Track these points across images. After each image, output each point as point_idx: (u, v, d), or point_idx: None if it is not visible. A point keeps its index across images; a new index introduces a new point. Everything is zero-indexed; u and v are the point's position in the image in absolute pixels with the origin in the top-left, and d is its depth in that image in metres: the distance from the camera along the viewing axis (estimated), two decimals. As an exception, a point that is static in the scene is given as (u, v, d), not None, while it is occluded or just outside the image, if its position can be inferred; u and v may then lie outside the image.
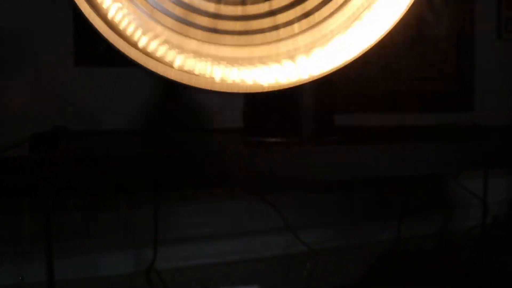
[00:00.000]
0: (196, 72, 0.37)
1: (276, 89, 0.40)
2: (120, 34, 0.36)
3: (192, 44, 0.38)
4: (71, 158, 0.30)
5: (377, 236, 1.00)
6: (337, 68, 0.39)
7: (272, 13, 0.40)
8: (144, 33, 0.37)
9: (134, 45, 0.37)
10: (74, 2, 0.36)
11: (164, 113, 0.81)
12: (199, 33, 0.38)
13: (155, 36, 0.37)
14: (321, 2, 0.40)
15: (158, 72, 0.36)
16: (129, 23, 0.36)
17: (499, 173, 1.14)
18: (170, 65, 0.37)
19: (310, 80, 0.40)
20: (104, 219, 0.75)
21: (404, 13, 0.39)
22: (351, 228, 0.96)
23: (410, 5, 0.40)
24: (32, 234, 0.69)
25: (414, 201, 1.01)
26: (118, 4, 0.37)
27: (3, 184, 0.29)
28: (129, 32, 0.37)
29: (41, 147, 0.34)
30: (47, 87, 0.75)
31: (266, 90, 0.40)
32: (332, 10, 0.40)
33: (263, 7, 0.40)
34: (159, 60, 0.37)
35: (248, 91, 0.38)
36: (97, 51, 0.76)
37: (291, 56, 0.39)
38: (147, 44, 0.37)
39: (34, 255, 0.69)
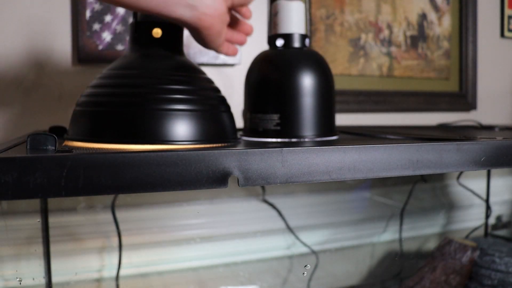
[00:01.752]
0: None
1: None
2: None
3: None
4: (68, 158, 0.30)
5: (378, 237, 0.99)
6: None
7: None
8: None
9: None
10: None
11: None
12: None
13: None
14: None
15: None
16: None
17: (502, 173, 1.14)
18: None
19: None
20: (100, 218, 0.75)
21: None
22: (351, 229, 0.96)
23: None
24: (30, 235, 0.69)
25: (415, 201, 1.01)
26: None
27: (1, 184, 0.29)
28: None
29: (39, 147, 0.33)
30: (46, 85, 0.75)
31: None
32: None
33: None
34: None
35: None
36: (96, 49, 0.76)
37: None
38: None
39: (31, 256, 0.69)
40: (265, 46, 0.55)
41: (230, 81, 0.87)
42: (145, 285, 0.78)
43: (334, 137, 0.51)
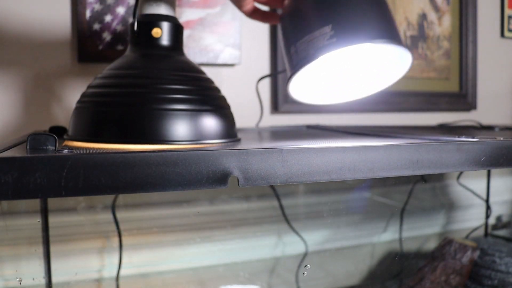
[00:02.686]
0: None
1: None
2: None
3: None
4: (68, 158, 0.30)
5: (378, 237, 0.99)
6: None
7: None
8: None
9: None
10: None
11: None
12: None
13: None
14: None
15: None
16: None
17: (502, 173, 1.14)
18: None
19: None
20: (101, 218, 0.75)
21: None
22: (351, 229, 0.96)
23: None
24: (30, 235, 0.69)
25: (415, 201, 1.01)
26: None
27: (1, 184, 0.29)
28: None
29: (39, 147, 0.33)
30: (46, 85, 0.75)
31: None
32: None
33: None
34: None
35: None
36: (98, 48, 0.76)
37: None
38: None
39: (31, 256, 0.69)
40: (265, 46, 0.55)
41: (230, 81, 0.87)
42: (145, 285, 0.78)
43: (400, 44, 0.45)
